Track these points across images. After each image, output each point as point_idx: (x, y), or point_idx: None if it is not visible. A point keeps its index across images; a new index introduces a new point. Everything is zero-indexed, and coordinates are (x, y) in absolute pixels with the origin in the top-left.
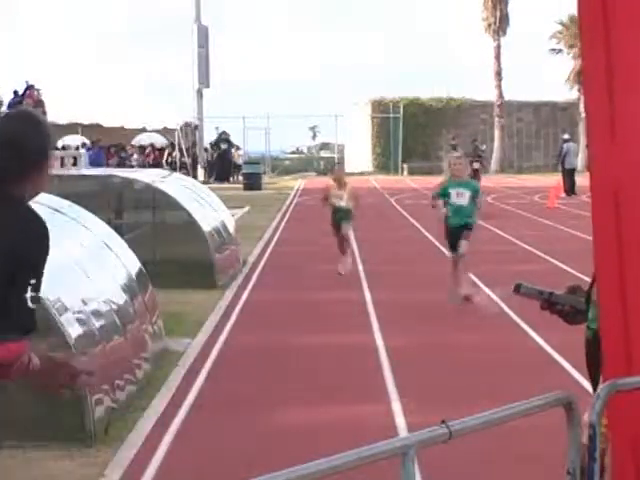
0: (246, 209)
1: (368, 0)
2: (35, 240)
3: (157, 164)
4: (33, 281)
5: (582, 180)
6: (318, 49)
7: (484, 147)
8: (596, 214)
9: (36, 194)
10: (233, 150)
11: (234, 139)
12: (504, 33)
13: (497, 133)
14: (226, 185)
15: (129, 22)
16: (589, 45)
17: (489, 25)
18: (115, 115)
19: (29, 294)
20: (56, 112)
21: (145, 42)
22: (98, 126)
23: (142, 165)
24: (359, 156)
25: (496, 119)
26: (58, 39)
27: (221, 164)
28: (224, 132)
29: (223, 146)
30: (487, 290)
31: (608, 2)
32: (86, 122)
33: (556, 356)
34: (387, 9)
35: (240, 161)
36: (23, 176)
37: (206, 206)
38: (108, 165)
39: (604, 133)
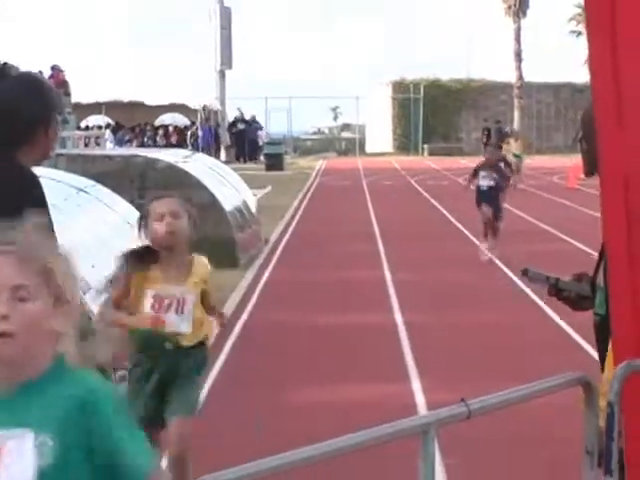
0: (268, 189)
1: None
2: (12, 195)
3: (180, 144)
4: None
5: None
6: (334, 33)
7: (508, 129)
8: (606, 198)
9: (41, 158)
10: (260, 131)
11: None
12: (524, 15)
13: (517, 114)
14: (248, 165)
15: (151, 2)
16: (595, 31)
17: (509, 7)
18: (137, 94)
19: None
20: (80, 92)
21: (167, 21)
22: (120, 104)
23: (165, 145)
24: (380, 137)
25: (516, 100)
26: (82, 20)
27: (239, 144)
28: (239, 112)
29: (240, 126)
30: (507, 271)
31: None
32: (108, 101)
33: (575, 336)
34: None
35: (261, 142)
36: (18, 140)
37: (228, 186)
38: (130, 145)
39: (612, 119)
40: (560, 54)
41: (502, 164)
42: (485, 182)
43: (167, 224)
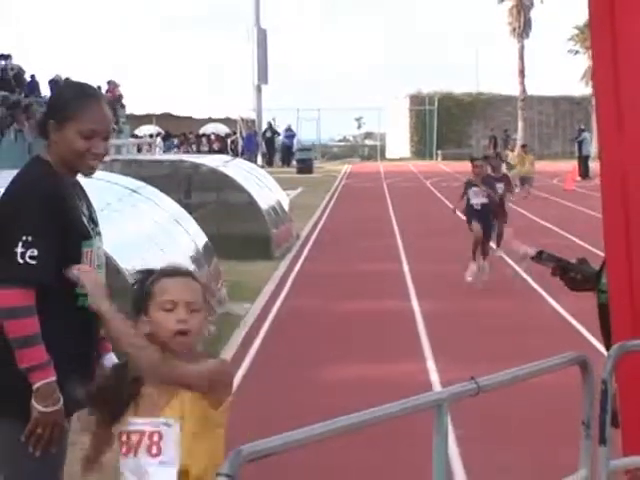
0: (299, 190)
1: (397, 3)
2: (12, 199)
3: (221, 150)
4: (24, 238)
5: (595, 165)
6: (359, 50)
7: (514, 136)
8: (605, 195)
9: (64, 160)
10: (295, 139)
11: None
12: (527, 36)
13: (520, 124)
14: (281, 169)
15: (198, 17)
16: (597, 42)
17: (514, 29)
18: (184, 106)
19: (19, 249)
20: (133, 103)
21: (211, 39)
22: (170, 116)
23: (208, 151)
24: (398, 144)
25: (519, 111)
26: (136, 32)
27: (268, 151)
28: (269, 122)
29: (268, 134)
30: (513, 264)
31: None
32: (159, 112)
33: (571, 320)
34: (419, 18)
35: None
36: (44, 131)
37: (264, 187)
38: (178, 151)
39: (611, 123)
40: (559, 70)
41: (496, 178)
42: (477, 200)
43: (179, 321)
